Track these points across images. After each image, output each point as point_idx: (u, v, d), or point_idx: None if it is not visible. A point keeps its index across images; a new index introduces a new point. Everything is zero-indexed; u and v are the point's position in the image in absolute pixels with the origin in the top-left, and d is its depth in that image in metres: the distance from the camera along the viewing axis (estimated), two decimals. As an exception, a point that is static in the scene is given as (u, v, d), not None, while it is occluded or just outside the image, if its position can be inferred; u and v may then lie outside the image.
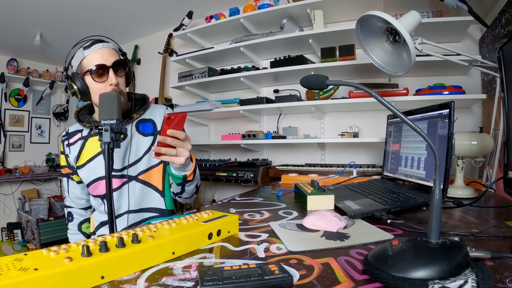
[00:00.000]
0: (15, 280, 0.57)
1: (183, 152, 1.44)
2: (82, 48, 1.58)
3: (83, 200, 1.81)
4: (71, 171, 1.75)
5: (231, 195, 1.90)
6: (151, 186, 1.72)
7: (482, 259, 0.72)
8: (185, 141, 1.43)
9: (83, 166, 1.69)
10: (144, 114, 1.76)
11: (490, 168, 2.01)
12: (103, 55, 1.57)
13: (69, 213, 1.84)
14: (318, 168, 2.93)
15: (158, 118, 1.78)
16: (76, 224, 1.82)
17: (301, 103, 3.15)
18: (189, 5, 3.80)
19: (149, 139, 1.73)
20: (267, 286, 0.63)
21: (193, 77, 3.73)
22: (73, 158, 1.72)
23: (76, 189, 1.78)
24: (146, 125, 1.75)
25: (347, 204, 1.36)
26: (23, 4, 3.72)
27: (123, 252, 0.73)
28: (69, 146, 1.74)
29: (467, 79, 2.78)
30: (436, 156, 0.70)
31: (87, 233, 1.83)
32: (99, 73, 1.56)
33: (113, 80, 1.57)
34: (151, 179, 1.72)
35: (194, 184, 1.70)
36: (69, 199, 1.82)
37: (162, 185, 1.75)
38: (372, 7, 2.59)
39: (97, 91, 1.56)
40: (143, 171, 1.69)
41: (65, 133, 1.79)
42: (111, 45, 1.63)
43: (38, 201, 5.22)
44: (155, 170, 1.73)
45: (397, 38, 1.72)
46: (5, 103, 5.51)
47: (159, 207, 1.74)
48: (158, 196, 1.74)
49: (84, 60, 1.57)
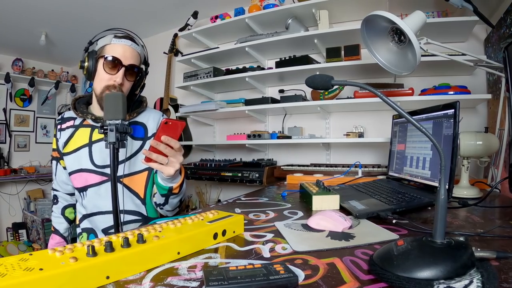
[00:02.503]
0: (20, 280, 0.57)
1: (174, 163, 1.41)
2: (114, 35, 1.60)
3: (69, 186, 1.81)
4: (59, 156, 1.77)
5: (236, 195, 1.90)
6: (131, 191, 1.70)
7: (487, 259, 0.72)
8: (178, 151, 1.39)
9: (69, 154, 1.70)
10: (137, 116, 1.75)
11: (495, 168, 2.00)
12: (125, 52, 1.59)
13: (54, 195, 1.86)
14: (323, 168, 2.93)
15: (150, 122, 1.77)
16: (60, 208, 1.84)
17: (306, 103, 3.14)
18: (194, 5, 3.80)
19: (137, 143, 1.72)
20: (272, 286, 0.63)
21: (198, 77, 3.73)
22: (61, 143, 1.74)
23: (62, 173, 1.79)
24: (137, 128, 1.74)
25: (352, 204, 1.36)
26: (28, 4, 3.73)
27: (128, 252, 0.73)
28: (60, 131, 1.75)
29: (472, 79, 2.77)
30: (441, 156, 0.70)
31: (69, 218, 1.85)
32: (112, 65, 1.57)
33: (118, 79, 1.58)
34: (133, 184, 1.70)
35: (179, 198, 1.67)
36: (56, 183, 1.84)
37: (144, 193, 1.73)
38: (377, 7, 2.59)
39: (101, 78, 1.59)
40: (126, 175, 1.67)
41: (60, 117, 1.81)
42: (138, 49, 1.65)
43: (43, 201, 5.24)
44: (137, 176, 1.70)
45: (402, 38, 1.72)
46: (10, 103, 5.54)
47: (141, 212, 1.73)
48: (139, 203, 1.72)
49: (108, 46, 1.58)
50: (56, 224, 1.83)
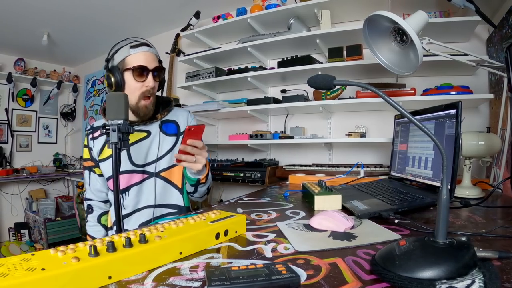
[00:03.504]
0: (22, 280, 0.57)
1: (201, 159, 1.57)
2: (129, 46, 1.68)
3: (103, 193, 1.89)
4: (94, 164, 1.84)
5: (239, 195, 1.90)
6: (171, 184, 1.83)
7: (490, 259, 0.72)
8: (202, 149, 1.57)
9: (105, 160, 1.78)
10: (167, 115, 1.88)
11: (497, 168, 2.00)
12: (147, 58, 1.69)
13: (88, 205, 1.91)
14: (325, 168, 2.93)
15: (181, 119, 1.91)
16: (96, 216, 1.89)
17: (308, 103, 3.14)
18: (196, 5, 3.81)
19: (172, 139, 1.84)
20: (274, 286, 0.63)
21: (200, 77, 3.73)
22: (96, 151, 1.81)
23: (97, 181, 1.86)
24: (169, 125, 1.86)
25: (355, 204, 1.36)
26: (30, 4, 3.75)
27: (130, 252, 0.73)
28: (93, 140, 1.83)
29: (475, 79, 2.76)
30: (443, 156, 0.70)
31: (106, 225, 1.89)
32: (140, 73, 1.67)
33: (151, 83, 1.70)
34: (172, 177, 1.83)
35: (206, 186, 1.81)
36: (90, 192, 1.90)
37: (181, 183, 1.86)
38: (379, 7, 2.59)
39: (133, 88, 1.68)
40: (164, 169, 1.80)
41: (90, 127, 1.89)
42: (154, 51, 1.76)
43: (46, 201, 5.26)
44: (176, 168, 1.83)
45: (405, 38, 1.72)
46: (12, 103, 5.56)
47: (177, 204, 1.84)
48: (177, 193, 1.84)
49: (128, 57, 1.67)
50: (94, 233, 1.88)
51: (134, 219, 1.77)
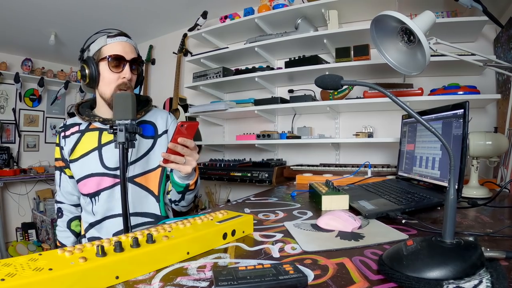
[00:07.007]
0: (30, 280, 0.57)
1: (191, 161, 1.45)
2: (106, 36, 1.61)
3: (75, 197, 1.78)
4: (64, 165, 1.74)
5: (246, 195, 1.90)
6: (147, 190, 1.71)
7: (497, 259, 0.72)
8: (193, 150, 1.43)
9: (76, 160, 1.67)
10: (145, 115, 1.77)
11: (505, 168, 1.99)
12: (125, 48, 1.61)
13: (59, 209, 1.80)
14: (332, 168, 2.93)
15: (159, 121, 1.80)
16: (66, 221, 1.78)
17: (315, 103, 3.14)
18: (203, 5, 3.82)
19: (148, 142, 1.73)
20: (281, 286, 0.63)
21: (207, 77, 3.75)
22: (67, 151, 1.70)
23: (68, 183, 1.76)
24: (146, 127, 1.75)
25: (362, 204, 1.36)
26: (37, 4, 3.76)
27: (137, 252, 0.73)
28: (65, 138, 1.73)
29: (482, 79, 2.76)
30: (450, 156, 0.70)
31: (76, 231, 1.79)
32: (117, 63, 1.58)
33: (127, 74, 1.60)
34: (148, 183, 1.71)
35: (194, 193, 1.70)
36: (60, 194, 1.79)
37: (158, 190, 1.74)
38: (386, 7, 2.59)
39: (109, 80, 1.60)
40: (139, 174, 1.69)
41: (63, 125, 1.78)
42: (132, 42, 1.67)
43: (53, 201, 5.24)
44: (152, 174, 1.72)
45: (412, 38, 1.71)
46: (19, 103, 5.57)
47: (154, 213, 1.72)
48: (154, 201, 1.72)
49: (105, 47, 1.59)
50: (63, 239, 1.78)
51: (105, 227, 1.65)
